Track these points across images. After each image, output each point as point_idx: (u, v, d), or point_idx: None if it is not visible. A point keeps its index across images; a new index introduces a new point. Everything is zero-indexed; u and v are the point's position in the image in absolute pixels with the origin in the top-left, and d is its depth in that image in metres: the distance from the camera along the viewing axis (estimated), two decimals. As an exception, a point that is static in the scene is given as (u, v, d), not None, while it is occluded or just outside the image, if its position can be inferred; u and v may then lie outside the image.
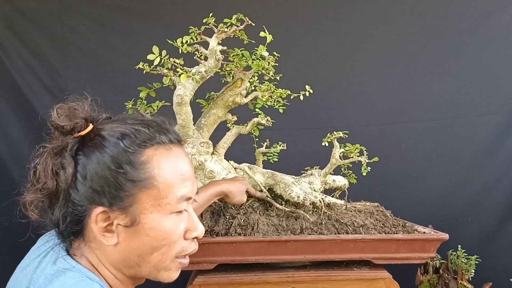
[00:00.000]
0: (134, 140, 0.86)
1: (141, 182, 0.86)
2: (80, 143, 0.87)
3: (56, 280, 0.84)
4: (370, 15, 2.58)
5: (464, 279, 1.80)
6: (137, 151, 0.86)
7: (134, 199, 0.86)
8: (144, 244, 0.88)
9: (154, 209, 0.87)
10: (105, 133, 0.87)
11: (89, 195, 0.85)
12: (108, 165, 0.84)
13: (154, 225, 0.87)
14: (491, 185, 2.53)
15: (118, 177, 0.85)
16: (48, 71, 2.53)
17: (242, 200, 1.51)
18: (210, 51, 1.47)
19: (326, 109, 2.53)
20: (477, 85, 2.53)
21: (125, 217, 0.86)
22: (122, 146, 0.85)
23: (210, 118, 1.61)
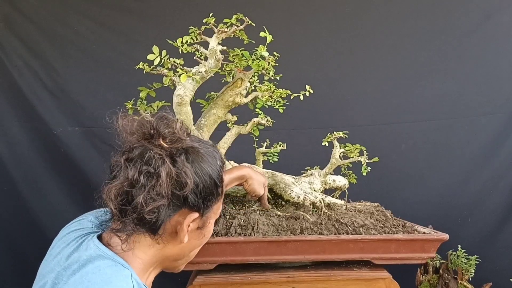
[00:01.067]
0: (220, 160, 1.03)
1: (220, 196, 1.04)
2: (186, 153, 0.97)
3: (90, 264, 0.93)
4: (370, 15, 2.58)
5: (464, 279, 1.80)
6: (222, 169, 1.04)
7: (212, 208, 1.02)
8: (199, 243, 1.06)
9: (214, 215, 1.05)
10: (202, 151, 1.00)
11: (193, 202, 0.97)
12: (214, 179, 1.00)
13: (210, 228, 1.07)
14: (491, 185, 2.53)
15: (216, 189, 1.01)
16: (48, 71, 2.54)
17: (259, 190, 1.52)
18: (210, 51, 1.47)
19: (326, 109, 2.53)
20: (477, 85, 2.54)
21: (200, 221, 1.01)
22: (218, 165, 1.02)
23: (210, 118, 1.61)
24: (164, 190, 0.92)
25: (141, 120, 0.98)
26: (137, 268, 0.98)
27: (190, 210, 0.97)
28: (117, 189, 0.92)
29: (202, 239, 1.06)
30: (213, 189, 1.00)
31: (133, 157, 0.94)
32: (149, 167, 0.92)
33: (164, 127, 0.97)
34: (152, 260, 1.01)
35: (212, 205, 1.01)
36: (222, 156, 1.06)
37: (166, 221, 0.96)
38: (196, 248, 1.08)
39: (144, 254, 0.99)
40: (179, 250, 1.03)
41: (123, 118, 0.98)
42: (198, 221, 1.00)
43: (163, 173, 0.92)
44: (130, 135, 0.97)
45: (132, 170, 0.92)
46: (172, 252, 1.02)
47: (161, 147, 0.94)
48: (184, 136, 0.98)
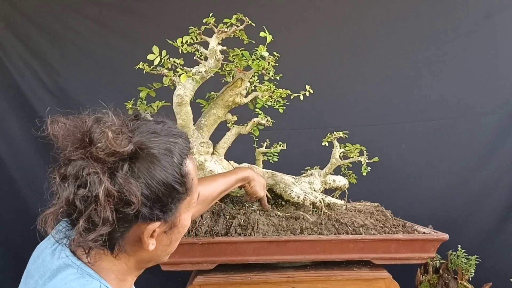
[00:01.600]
0: (179, 154, 0.88)
1: (185, 194, 0.91)
2: (129, 163, 0.83)
3: (58, 275, 0.86)
4: (370, 15, 2.58)
5: (464, 279, 1.80)
6: (183, 164, 0.89)
7: (178, 209, 0.91)
8: (173, 240, 0.95)
9: (186, 210, 0.94)
10: (155, 151, 0.85)
11: (148, 215, 0.85)
12: (171, 184, 0.86)
13: (185, 223, 0.96)
14: (491, 185, 2.53)
15: (176, 193, 0.88)
16: (48, 71, 2.54)
17: (260, 192, 1.51)
18: (210, 51, 1.47)
19: (326, 109, 2.53)
20: (477, 85, 2.53)
21: (164, 224, 0.90)
22: (175, 163, 0.87)
23: (210, 118, 1.61)
24: (105, 214, 0.80)
25: (73, 125, 0.85)
26: (110, 278, 0.90)
27: (148, 222, 0.86)
28: (55, 215, 0.83)
29: (176, 236, 0.95)
30: (171, 194, 0.87)
31: (68, 175, 0.82)
32: (85, 189, 0.80)
33: (99, 137, 0.82)
34: (123, 269, 0.92)
35: (177, 207, 0.90)
36: (186, 141, 0.91)
37: (122, 238, 0.86)
38: (172, 245, 0.96)
39: (112, 266, 0.90)
40: (151, 254, 0.93)
41: (53, 124, 0.86)
42: (162, 227, 0.89)
43: (101, 195, 0.79)
44: (64, 143, 0.84)
45: (67, 191, 0.81)
46: (144, 257, 0.93)
47: (96, 160, 0.81)
48: (123, 146, 0.82)
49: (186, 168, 0.90)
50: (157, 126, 0.90)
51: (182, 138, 0.91)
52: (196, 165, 0.97)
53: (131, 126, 0.88)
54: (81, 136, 0.84)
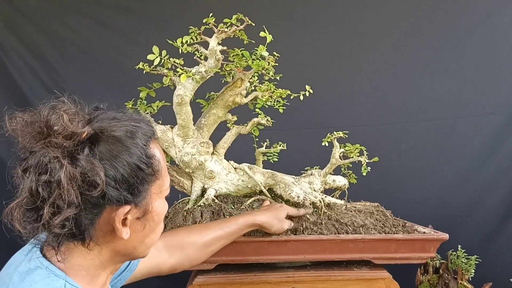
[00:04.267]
0: (143, 135, 0.89)
1: (153, 176, 0.90)
2: (89, 145, 0.84)
3: (27, 278, 0.86)
4: (370, 15, 2.58)
5: (464, 279, 1.80)
6: (148, 145, 0.89)
7: (148, 192, 0.90)
8: (148, 229, 0.94)
9: (158, 196, 0.93)
10: (117, 134, 0.86)
11: (117, 196, 0.85)
12: (136, 164, 0.86)
13: (159, 210, 0.95)
14: (491, 185, 2.53)
15: (143, 174, 0.88)
16: (48, 71, 2.54)
17: (282, 227, 1.44)
18: (210, 51, 1.47)
19: (326, 109, 2.53)
20: (477, 85, 2.53)
21: (138, 210, 0.90)
22: (140, 144, 0.87)
23: (210, 118, 1.61)
24: (70, 197, 0.80)
25: (30, 118, 0.86)
26: (80, 275, 0.89)
27: (118, 206, 0.86)
28: (19, 207, 0.83)
29: (150, 225, 0.93)
30: (137, 175, 0.86)
31: (29, 166, 0.82)
32: (46, 175, 0.80)
33: (56, 121, 0.83)
34: (95, 263, 0.91)
35: (146, 190, 0.89)
36: (149, 126, 0.92)
37: (92, 226, 0.86)
38: (148, 235, 0.94)
39: (83, 260, 0.89)
40: (126, 245, 0.92)
41: (11, 120, 0.87)
42: (134, 212, 0.88)
43: (63, 179, 0.79)
44: (24, 139, 0.84)
45: (29, 181, 0.81)
46: (119, 248, 0.92)
47: (56, 147, 0.81)
48: (80, 127, 0.83)
49: (151, 151, 0.90)
50: (117, 114, 0.91)
51: (144, 123, 0.92)
52: (162, 152, 0.96)
53: (91, 114, 0.89)
54: (39, 127, 0.84)
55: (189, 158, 1.56)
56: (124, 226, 0.89)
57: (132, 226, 0.90)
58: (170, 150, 1.58)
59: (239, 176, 1.62)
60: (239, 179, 1.62)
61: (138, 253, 0.97)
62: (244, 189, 1.62)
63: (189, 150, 1.56)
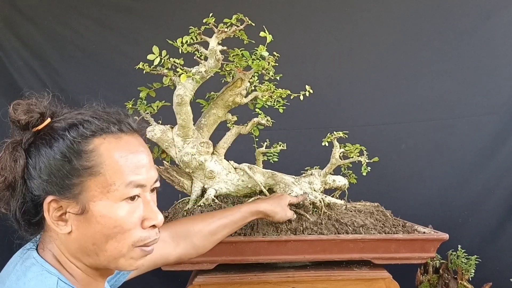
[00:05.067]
0: (82, 130, 0.90)
1: (87, 170, 0.89)
2: (35, 137, 0.91)
3: (23, 276, 0.89)
4: (370, 15, 2.58)
5: (464, 279, 1.80)
6: (83, 141, 0.90)
7: (82, 187, 0.89)
8: (96, 232, 0.90)
9: (104, 196, 0.89)
10: (56, 125, 0.91)
11: (41, 186, 0.89)
12: (54, 155, 0.89)
13: (104, 212, 0.90)
14: (491, 185, 2.53)
15: (65, 166, 0.89)
16: (48, 71, 2.54)
17: (286, 215, 1.46)
18: (210, 51, 1.47)
19: (326, 109, 2.52)
20: (477, 85, 2.53)
21: (75, 205, 0.89)
22: (69, 137, 0.89)
23: (210, 118, 1.61)
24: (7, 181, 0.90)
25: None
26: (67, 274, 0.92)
27: (44, 196, 0.90)
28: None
29: (97, 228, 0.89)
30: (62, 167, 0.88)
31: None
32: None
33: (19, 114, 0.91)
34: (63, 255, 0.93)
35: (78, 185, 0.89)
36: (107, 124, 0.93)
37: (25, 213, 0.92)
38: (101, 240, 0.91)
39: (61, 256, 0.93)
40: (76, 243, 0.91)
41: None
42: (70, 206, 0.89)
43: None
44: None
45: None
46: (72, 246, 0.92)
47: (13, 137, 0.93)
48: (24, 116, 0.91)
49: (90, 146, 0.90)
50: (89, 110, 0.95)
51: (102, 119, 0.93)
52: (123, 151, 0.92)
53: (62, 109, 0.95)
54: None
55: (189, 158, 1.56)
56: (60, 220, 0.90)
57: (73, 222, 0.90)
58: (170, 150, 1.58)
59: (239, 176, 1.62)
60: (239, 179, 1.62)
61: (104, 261, 0.93)
62: (244, 189, 1.62)
63: (189, 150, 1.56)
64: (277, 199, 1.47)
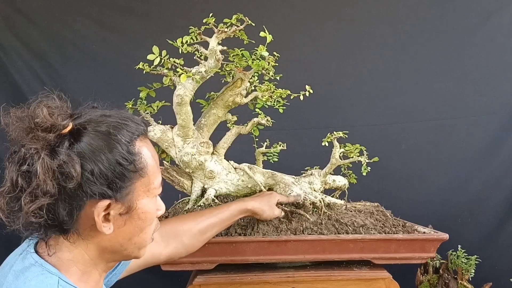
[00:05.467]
0: (128, 133, 0.91)
1: (137, 173, 0.92)
2: (70, 139, 0.88)
3: (21, 276, 0.89)
4: (370, 15, 2.58)
5: (464, 279, 1.80)
6: (132, 143, 0.92)
7: (132, 188, 0.92)
8: (135, 227, 0.95)
9: (145, 194, 0.95)
10: (100, 129, 0.90)
11: (96, 190, 0.88)
12: (116, 159, 0.89)
13: (146, 209, 0.95)
14: (491, 185, 2.53)
15: (123, 170, 0.90)
16: (48, 71, 2.54)
17: (273, 214, 1.48)
18: (210, 51, 1.47)
19: (326, 109, 2.52)
20: (477, 85, 2.53)
21: (121, 206, 0.91)
22: (122, 141, 0.90)
23: (210, 118, 1.61)
24: (47, 187, 0.84)
25: (21, 113, 0.90)
26: (71, 271, 0.91)
27: (97, 200, 0.88)
28: (3, 197, 0.87)
29: (137, 223, 0.94)
30: (116, 170, 0.89)
31: (13, 158, 0.87)
32: (25, 165, 0.85)
33: (38, 114, 0.88)
34: (84, 259, 0.93)
35: (129, 186, 0.91)
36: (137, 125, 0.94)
37: (72, 218, 0.88)
38: (137, 234, 0.96)
39: (71, 255, 0.92)
40: (111, 242, 0.94)
41: (6, 116, 0.90)
42: (117, 207, 0.90)
43: (39, 169, 0.83)
44: (15, 133, 0.89)
45: (11, 172, 0.86)
46: (104, 245, 0.94)
47: (39, 140, 0.86)
48: (61, 120, 0.87)
49: (136, 148, 0.92)
50: (108, 111, 0.95)
51: (132, 121, 0.94)
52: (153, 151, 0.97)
53: (80, 110, 0.94)
54: (28, 122, 0.88)
55: (189, 158, 1.56)
56: (106, 221, 0.91)
57: (115, 222, 0.92)
58: (170, 150, 1.58)
59: (239, 176, 1.62)
60: (239, 179, 1.62)
61: (129, 253, 0.98)
62: (244, 189, 1.62)
63: (189, 150, 1.56)
64: (266, 197, 1.49)
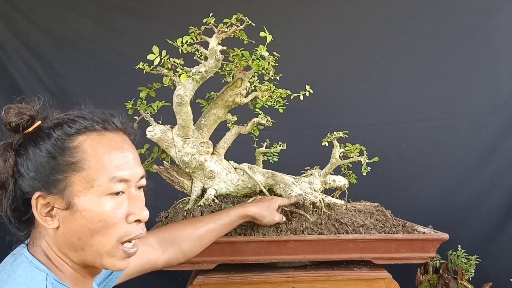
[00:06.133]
0: (66, 129, 0.95)
1: (70, 166, 0.93)
2: (26, 138, 0.96)
3: (13, 273, 0.91)
4: (370, 15, 2.58)
5: (464, 279, 1.80)
6: (67, 138, 0.94)
7: (67, 183, 0.92)
8: (82, 226, 0.93)
9: (87, 191, 0.92)
10: (43, 126, 0.96)
11: (29, 183, 0.93)
12: (40, 153, 0.93)
13: (88, 207, 0.92)
14: (491, 185, 2.53)
15: (50, 162, 0.93)
16: (48, 71, 2.54)
17: (273, 219, 1.46)
18: (210, 51, 1.47)
19: (326, 109, 2.53)
20: (477, 85, 2.53)
21: (62, 201, 0.92)
22: (53, 135, 0.94)
23: (210, 118, 1.61)
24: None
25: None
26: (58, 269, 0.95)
27: (31, 192, 0.94)
28: None
29: (82, 222, 0.92)
30: (47, 163, 0.93)
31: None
32: None
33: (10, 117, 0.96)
34: (53, 255, 0.96)
35: (63, 180, 0.92)
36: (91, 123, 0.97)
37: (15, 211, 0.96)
38: (87, 235, 0.93)
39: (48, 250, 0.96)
40: (62, 237, 0.94)
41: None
42: (57, 202, 0.92)
43: None
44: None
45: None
46: (59, 241, 0.95)
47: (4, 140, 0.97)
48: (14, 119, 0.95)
49: (74, 143, 0.94)
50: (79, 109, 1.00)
51: (87, 119, 0.97)
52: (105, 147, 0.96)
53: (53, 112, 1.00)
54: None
55: (189, 158, 1.56)
56: (48, 216, 0.94)
57: (60, 217, 0.93)
58: (170, 150, 1.58)
59: (239, 176, 1.62)
60: (239, 179, 1.62)
61: (90, 257, 0.95)
62: (244, 189, 1.62)
63: (189, 150, 1.56)
64: (266, 203, 1.47)
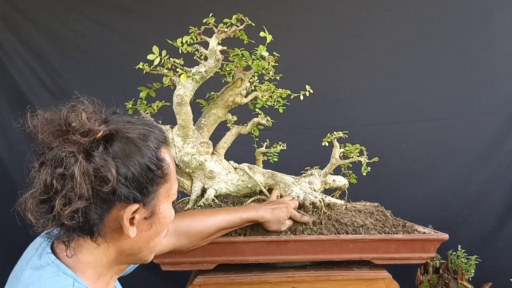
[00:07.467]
0: (155, 139, 0.94)
1: (163, 178, 0.95)
2: (104, 144, 0.89)
3: (37, 274, 0.90)
4: (370, 15, 2.58)
5: (464, 279, 1.80)
6: (159, 149, 0.95)
7: (157, 194, 0.95)
8: (154, 231, 0.98)
9: (165, 200, 0.98)
10: (131, 135, 0.91)
11: (127, 194, 0.89)
12: (147, 164, 0.91)
13: (166, 214, 0.99)
14: (491, 185, 2.53)
15: (152, 175, 0.92)
16: (48, 71, 2.54)
17: (279, 229, 1.45)
18: (210, 51, 1.47)
19: (326, 109, 2.53)
20: (477, 85, 2.54)
21: (146, 210, 0.94)
22: (151, 147, 0.92)
23: (210, 118, 1.61)
24: (82, 190, 0.84)
25: (51, 116, 0.90)
26: (87, 273, 0.92)
27: (127, 203, 0.90)
28: (33, 198, 0.87)
29: (157, 227, 0.97)
30: (147, 175, 0.91)
31: (45, 160, 0.87)
32: (61, 168, 0.85)
33: (74, 119, 0.88)
34: (102, 261, 0.94)
35: (155, 191, 0.93)
36: (161, 132, 0.97)
37: (101, 221, 0.89)
38: (153, 238, 0.99)
39: (91, 257, 0.93)
40: (131, 245, 0.96)
41: (32, 119, 0.91)
42: (142, 211, 0.93)
43: (77, 172, 0.84)
44: (43, 136, 0.89)
45: (44, 174, 0.86)
46: (124, 248, 0.95)
47: (73, 143, 0.86)
48: (97, 125, 0.89)
49: (162, 154, 0.95)
50: (132, 118, 0.97)
51: (157, 128, 0.97)
52: (173, 158, 1.03)
53: (107, 115, 0.95)
54: (58, 124, 0.89)
55: (189, 158, 1.56)
56: (131, 225, 0.93)
57: (139, 225, 0.94)
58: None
59: (239, 176, 1.62)
60: (239, 179, 1.62)
61: (142, 256, 1.00)
62: (244, 189, 1.62)
63: (189, 150, 1.56)
64: (279, 211, 1.44)
